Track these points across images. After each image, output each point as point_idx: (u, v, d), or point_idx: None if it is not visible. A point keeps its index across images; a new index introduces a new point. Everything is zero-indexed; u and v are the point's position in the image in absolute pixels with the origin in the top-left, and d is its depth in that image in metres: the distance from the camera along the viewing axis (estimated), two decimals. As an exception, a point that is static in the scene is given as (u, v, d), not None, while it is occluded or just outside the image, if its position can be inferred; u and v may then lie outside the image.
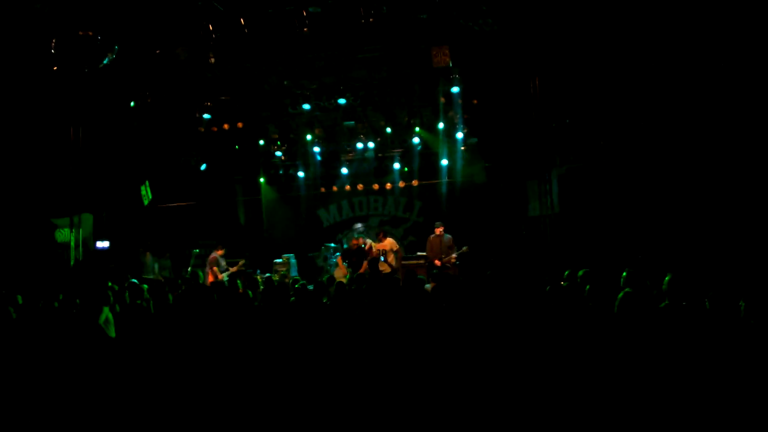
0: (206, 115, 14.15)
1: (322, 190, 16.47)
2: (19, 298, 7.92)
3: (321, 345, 4.96)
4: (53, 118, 12.97)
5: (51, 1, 9.15)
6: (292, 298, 6.82)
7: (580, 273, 6.46)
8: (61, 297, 7.53)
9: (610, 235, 11.14)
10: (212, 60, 12.57)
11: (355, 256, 13.16)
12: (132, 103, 13.23)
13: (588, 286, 5.67)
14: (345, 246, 14.79)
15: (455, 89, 12.75)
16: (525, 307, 5.99)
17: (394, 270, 12.79)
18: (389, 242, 13.29)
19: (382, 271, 12.07)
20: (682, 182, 10.00)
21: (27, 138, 12.92)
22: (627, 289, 4.81)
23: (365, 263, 12.70)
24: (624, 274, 5.58)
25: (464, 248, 12.68)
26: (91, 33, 9.31)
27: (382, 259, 12.76)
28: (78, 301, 6.07)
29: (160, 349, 5.08)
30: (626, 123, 10.54)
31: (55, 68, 9.67)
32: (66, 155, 13.19)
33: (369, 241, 13.50)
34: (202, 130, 14.63)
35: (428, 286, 9.07)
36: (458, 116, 13.69)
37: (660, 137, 9.98)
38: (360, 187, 16.12)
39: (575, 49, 10.49)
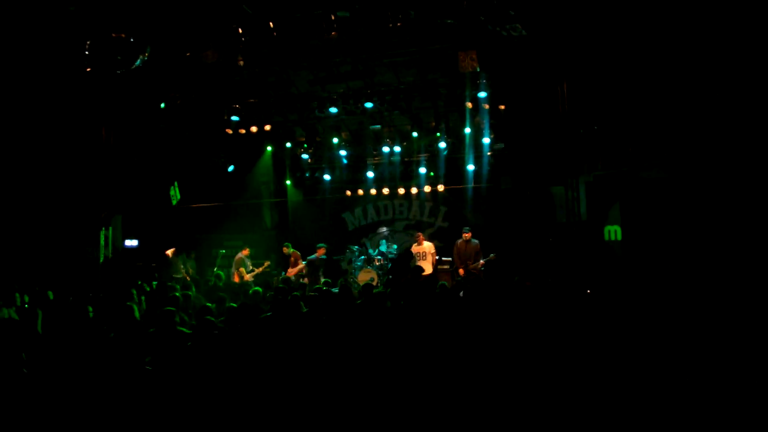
0: (234, 117, 14.32)
1: (348, 193, 16.50)
2: (50, 294, 8.10)
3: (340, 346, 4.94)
4: (85, 118, 13.26)
5: (85, 3, 9.36)
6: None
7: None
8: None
9: (637, 244, 10.94)
10: (241, 63, 12.74)
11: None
12: (162, 105, 13.45)
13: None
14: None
15: (482, 94, 12.67)
16: (551, 313, 5.93)
17: (430, 274, 12.79)
18: (428, 245, 13.38)
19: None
20: (715, 192, 9.76)
21: (59, 138, 13.21)
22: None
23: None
24: None
25: (491, 255, 12.59)
26: (123, 35, 9.49)
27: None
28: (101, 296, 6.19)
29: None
30: (655, 130, 10.34)
31: (88, 69, 9.89)
32: (97, 155, 13.48)
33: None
34: (230, 132, 14.79)
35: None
36: (485, 121, 13.59)
37: (691, 145, 9.77)
38: (385, 191, 16.13)
39: (604, 55, 10.34)
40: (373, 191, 16.24)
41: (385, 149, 15.16)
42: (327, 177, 16.47)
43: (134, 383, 4.10)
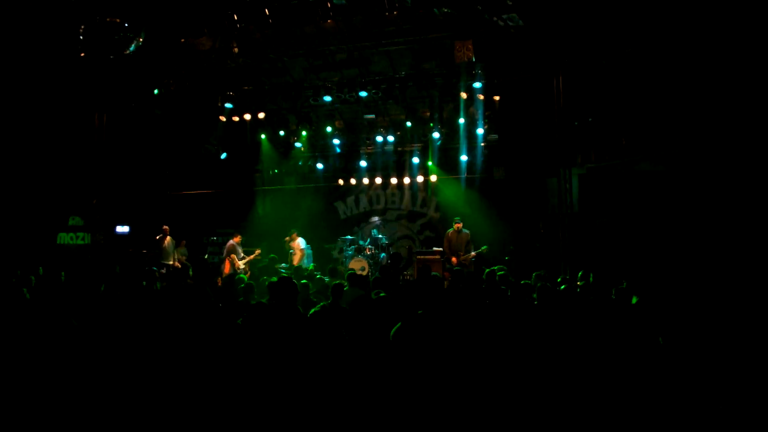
0: (228, 105, 14.25)
1: (341, 182, 16.49)
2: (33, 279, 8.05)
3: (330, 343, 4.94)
4: (78, 104, 13.16)
5: (79, -12, 9.27)
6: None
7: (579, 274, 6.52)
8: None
9: (628, 236, 11.05)
10: (236, 50, 12.68)
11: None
12: (156, 91, 13.36)
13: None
14: None
15: (477, 84, 12.67)
16: (537, 306, 5.99)
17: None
18: (296, 243, 13.80)
19: None
20: (707, 185, 9.86)
21: (52, 124, 13.11)
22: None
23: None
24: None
25: (483, 248, 12.65)
26: (117, 20, 9.41)
27: None
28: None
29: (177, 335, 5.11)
30: (650, 123, 10.41)
31: (81, 55, 9.80)
32: (90, 141, 13.40)
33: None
34: (224, 119, 14.72)
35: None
36: (479, 112, 13.61)
37: (684, 138, 9.85)
38: (378, 180, 16.13)
39: (600, 47, 10.38)
40: (365, 180, 16.24)
41: (379, 138, 15.14)
42: (320, 165, 16.44)
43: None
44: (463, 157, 14.94)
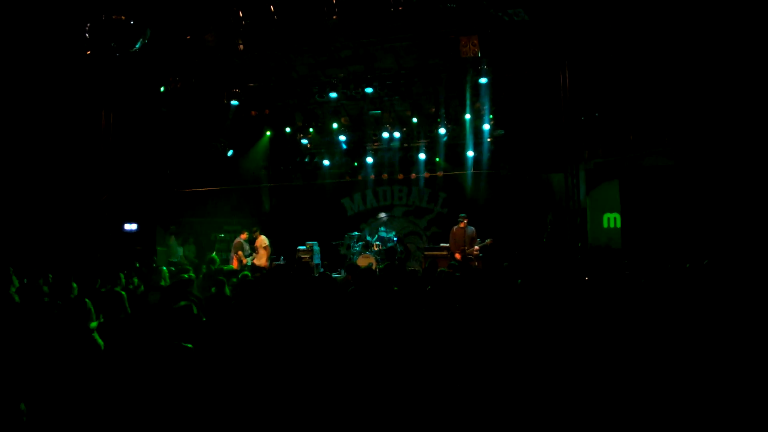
0: (234, 102, 14.26)
1: (347, 178, 16.49)
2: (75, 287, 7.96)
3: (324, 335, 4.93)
4: (85, 102, 13.21)
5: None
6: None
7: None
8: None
9: (635, 231, 10.99)
10: (241, 47, 12.68)
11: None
12: (162, 89, 13.39)
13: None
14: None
15: (483, 80, 12.63)
16: (543, 300, 5.95)
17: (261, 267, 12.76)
18: (261, 239, 13.57)
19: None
20: (716, 180, 9.79)
21: (59, 122, 13.16)
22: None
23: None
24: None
25: (488, 240, 12.63)
26: (123, 17, 9.44)
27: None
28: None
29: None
30: (657, 118, 10.34)
31: (88, 52, 9.84)
32: (97, 139, 13.45)
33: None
34: (230, 116, 14.73)
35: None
36: (485, 107, 13.56)
37: (691, 133, 9.78)
38: (384, 176, 16.13)
39: (606, 41, 10.31)
40: (372, 177, 16.24)
41: (385, 135, 15.12)
42: (326, 162, 16.45)
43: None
44: (470, 153, 14.92)
